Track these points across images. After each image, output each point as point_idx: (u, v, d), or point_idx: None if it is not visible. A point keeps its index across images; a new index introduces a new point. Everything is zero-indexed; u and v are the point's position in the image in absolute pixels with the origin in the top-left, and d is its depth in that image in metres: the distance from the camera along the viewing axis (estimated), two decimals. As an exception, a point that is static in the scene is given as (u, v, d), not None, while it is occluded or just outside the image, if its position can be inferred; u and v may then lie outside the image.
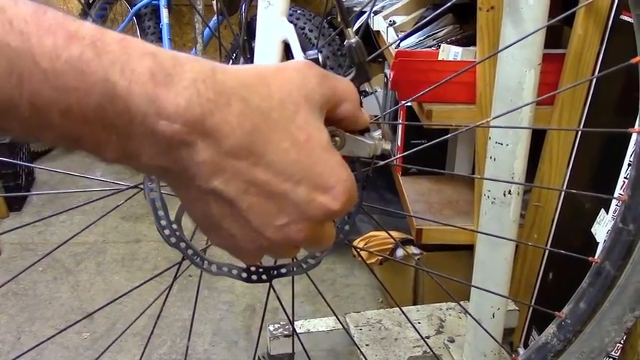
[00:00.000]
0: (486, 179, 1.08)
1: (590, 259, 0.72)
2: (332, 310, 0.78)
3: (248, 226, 0.38)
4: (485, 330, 1.04)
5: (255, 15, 0.54)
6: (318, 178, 0.37)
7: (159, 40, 2.64)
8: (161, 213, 0.57)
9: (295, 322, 1.43)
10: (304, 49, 0.52)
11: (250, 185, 0.37)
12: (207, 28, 2.48)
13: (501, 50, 0.96)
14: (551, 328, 0.75)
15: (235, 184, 0.36)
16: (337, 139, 0.51)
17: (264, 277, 0.58)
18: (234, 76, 0.36)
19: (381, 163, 0.54)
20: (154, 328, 0.79)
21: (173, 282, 0.71)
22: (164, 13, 2.64)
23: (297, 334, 1.10)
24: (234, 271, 0.58)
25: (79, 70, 0.32)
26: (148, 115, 0.33)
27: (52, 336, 0.92)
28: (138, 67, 0.33)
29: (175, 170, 0.37)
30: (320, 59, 0.53)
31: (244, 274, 0.58)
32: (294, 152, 0.36)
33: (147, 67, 0.33)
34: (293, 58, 0.53)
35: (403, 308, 1.48)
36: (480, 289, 1.10)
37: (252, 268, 0.58)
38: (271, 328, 1.42)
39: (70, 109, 0.33)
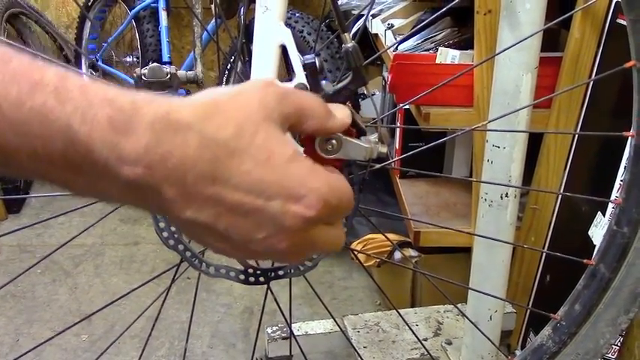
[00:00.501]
0: (484, 182, 1.08)
1: (585, 261, 0.72)
2: (329, 312, 0.79)
3: (232, 242, 0.40)
4: (482, 333, 1.05)
5: (254, 18, 0.55)
6: (288, 190, 0.38)
7: (158, 42, 2.65)
8: (159, 215, 0.58)
9: (293, 325, 1.44)
10: (302, 53, 0.53)
11: (222, 209, 0.38)
12: (205, 32, 2.49)
13: (498, 53, 0.96)
14: (547, 330, 0.75)
15: (207, 211, 0.38)
16: (333, 141, 0.52)
17: (261, 279, 0.59)
18: (189, 111, 0.37)
19: (378, 166, 0.54)
20: (151, 330, 0.79)
21: (171, 284, 0.71)
22: (163, 16, 2.65)
23: (294, 337, 1.11)
24: (232, 273, 0.58)
25: (42, 118, 0.34)
26: (110, 160, 0.35)
27: (51, 338, 0.92)
28: (98, 113, 0.35)
29: (149, 205, 0.39)
30: (317, 63, 0.54)
31: (242, 276, 0.58)
32: (258, 171, 0.37)
33: (106, 114, 0.35)
34: (290, 62, 0.53)
35: (401, 311, 1.48)
36: (478, 291, 1.11)
37: (250, 271, 0.58)
38: (269, 330, 1.42)
39: (37, 153, 0.35)
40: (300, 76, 0.53)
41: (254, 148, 0.37)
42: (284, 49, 0.54)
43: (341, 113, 0.46)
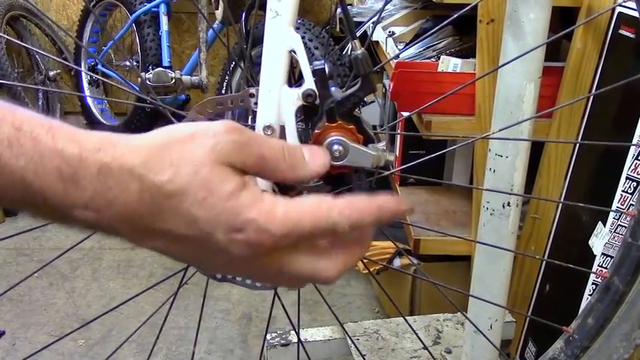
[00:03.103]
0: (485, 190, 1.08)
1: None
2: (337, 319, 0.78)
3: (198, 262, 0.44)
4: (487, 338, 1.04)
5: (256, 24, 0.55)
6: (227, 223, 0.39)
7: (158, 47, 2.65)
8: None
9: (292, 332, 1.43)
10: (308, 60, 0.52)
11: (173, 240, 0.41)
12: (210, 33, 2.49)
13: (504, 65, 0.96)
14: (559, 343, 0.74)
15: (161, 242, 0.41)
16: (340, 147, 0.52)
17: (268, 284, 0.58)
18: (132, 157, 0.39)
19: (386, 173, 0.54)
20: (156, 339, 0.79)
21: (178, 289, 0.71)
22: (163, 21, 2.65)
23: (302, 343, 1.10)
24: (239, 278, 0.58)
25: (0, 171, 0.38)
26: (64, 207, 0.39)
27: (49, 345, 0.92)
28: (48, 166, 0.38)
29: (114, 235, 0.42)
30: (326, 69, 0.54)
31: (249, 281, 0.58)
32: (195, 209, 0.39)
33: (56, 166, 0.38)
34: (300, 68, 0.53)
35: (400, 319, 1.48)
36: (479, 299, 1.10)
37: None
38: (268, 337, 1.41)
39: (1, 197, 0.39)
40: (310, 82, 0.53)
41: (192, 188, 0.39)
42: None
43: (318, 160, 0.46)
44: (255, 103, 0.55)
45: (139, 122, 2.88)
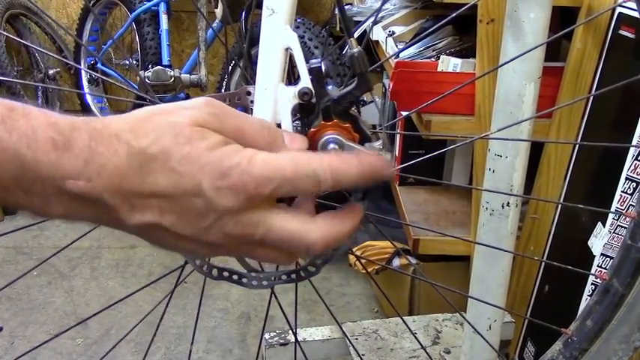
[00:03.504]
0: (485, 190, 1.08)
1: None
2: (336, 320, 0.78)
3: (187, 239, 0.43)
4: (485, 339, 1.04)
5: (256, 22, 0.54)
6: (213, 172, 0.40)
7: (158, 46, 2.64)
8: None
9: (290, 331, 1.43)
10: (305, 58, 0.52)
11: (162, 207, 0.41)
12: (210, 32, 2.49)
13: (503, 64, 0.96)
14: (558, 345, 0.74)
15: (149, 212, 0.41)
16: (335, 146, 0.51)
17: (264, 282, 0.58)
18: (120, 124, 0.41)
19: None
20: (152, 338, 0.79)
21: (175, 288, 0.70)
22: (163, 19, 2.65)
23: (298, 343, 1.10)
24: (235, 277, 0.57)
25: None
26: (56, 179, 0.39)
27: (46, 341, 0.92)
28: (41, 137, 0.39)
29: (103, 219, 0.43)
30: (323, 68, 0.53)
31: (245, 280, 0.58)
32: (180, 166, 0.40)
33: (49, 136, 0.39)
34: (296, 66, 0.53)
35: (399, 319, 1.48)
36: (478, 300, 1.10)
37: (253, 274, 0.58)
38: (267, 336, 1.41)
39: None
40: (306, 80, 0.52)
41: (175, 147, 0.40)
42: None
43: (296, 144, 0.47)
44: (252, 101, 0.54)
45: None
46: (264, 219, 0.42)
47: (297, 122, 0.54)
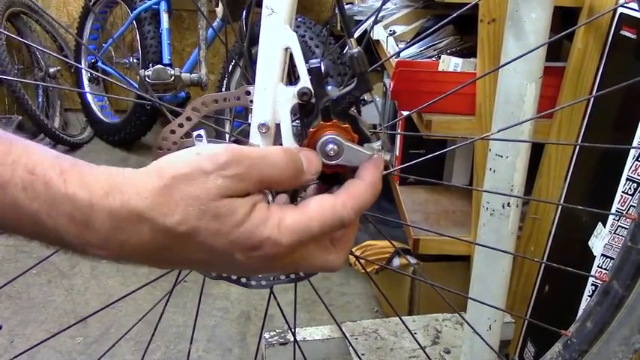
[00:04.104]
0: (485, 191, 1.08)
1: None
2: (335, 320, 0.78)
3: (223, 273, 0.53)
4: (485, 341, 1.04)
5: (256, 22, 0.54)
6: (244, 246, 0.43)
7: (158, 44, 2.64)
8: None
9: (291, 330, 1.43)
10: (305, 58, 0.52)
11: (193, 264, 0.45)
12: (210, 31, 2.48)
13: (505, 64, 0.96)
14: (557, 347, 0.74)
15: (181, 266, 0.46)
16: (334, 147, 0.51)
17: (263, 282, 0.58)
18: (141, 200, 0.41)
19: (384, 172, 0.54)
20: (151, 337, 0.79)
21: (174, 287, 0.70)
22: (164, 18, 2.65)
23: (297, 343, 1.10)
24: (234, 277, 0.57)
25: (14, 210, 0.40)
26: (79, 245, 0.42)
27: (46, 339, 0.92)
28: (60, 210, 0.40)
29: None
30: (322, 68, 0.53)
31: (244, 280, 0.57)
32: (212, 240, 0.42)
33: (68, 211, 0.40)
34: (295, 66, 0.53)
35: (399, 319, 1.48)
36: (478, 301, 1.10)
37: (252, 275, 0.58)
38: (267, 335, 1.41)
39: (12, 229, 0.42)
40: (305, 80, 0.52)
41: (203, 224, 0.41)
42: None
43: (313, 166, 0.48)
44: (252, 101, 0.54)
45: (139, 120, 2.87)
46: (293, 262, 0.46)
47: (296, 122, 0.54)
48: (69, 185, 0.40)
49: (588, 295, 1.20)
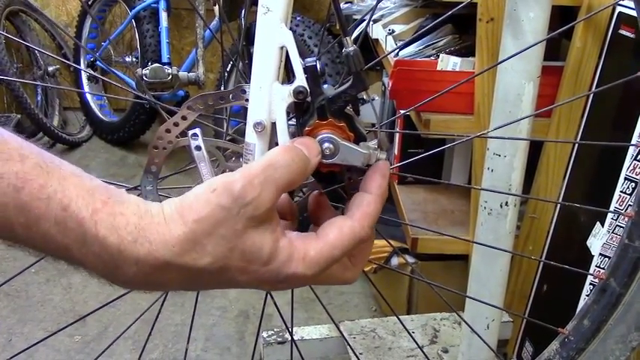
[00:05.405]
0: (483, 190, 1.07)
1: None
2: (333, 320, 0.77)
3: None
4: (483, 340, 1.04)
5: (254, 21, 0.54)
6: (271, 281, 0.45)
7: (157, 43, 2.64)
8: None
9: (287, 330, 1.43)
10: (303, 57, 0.52)
11: (223, 288, 0.47)
12: (208, 31, 2.48)
13: (502, 62, 0.96)
14: (554, 345, 0.73)
15: (210, 290, 0.51)
16: (330, 145, 0.51)
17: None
18: (168, 249, 0.42)
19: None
20: (149, 335, 0.78)
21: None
22: (163, 17, 2.64)
23: (294, 342, 1.10)
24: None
25: (45, 240, 0.42)
26: (107, 278, 0.44)
27: (44, 338, 0.91)
28: (90, 249, 0.42)
29: None
30: (318, 67, 0.53)
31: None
32: (240, 276, 0.45)
33: (97, 252, 0.42)
34: (291, 65, 0.53)
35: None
36: (476, 300, 1.10)
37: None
38: (265, 334, 1.41)
39: (42, 253, 0.44)
40: (301, 79, 0.52)
41: (232, 263, 0.44)
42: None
43: (313, 152, 0.49)
44: (247, 100, 0.54)
45: (138, 118, 2.87)
46: (316, 282, 0.48)
47: (291, 121, 0.54)
48: (99, 228, 0.42)
49: (586, 295, 1.20)
